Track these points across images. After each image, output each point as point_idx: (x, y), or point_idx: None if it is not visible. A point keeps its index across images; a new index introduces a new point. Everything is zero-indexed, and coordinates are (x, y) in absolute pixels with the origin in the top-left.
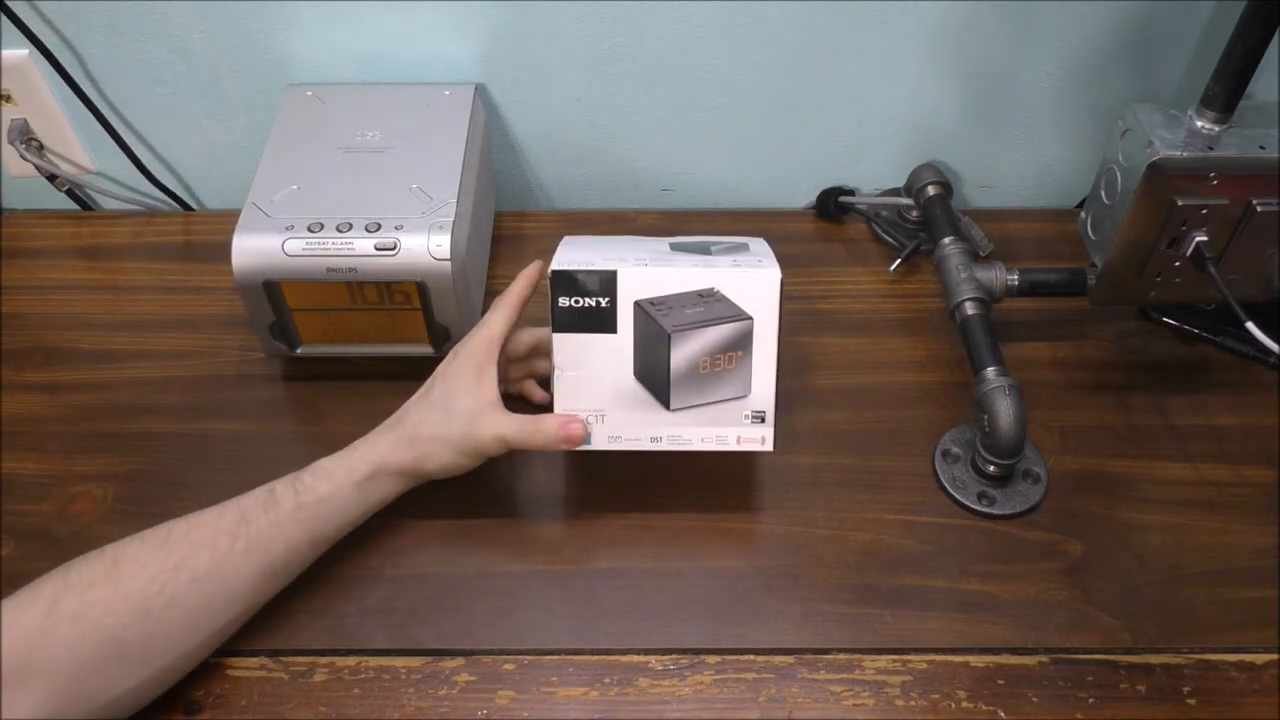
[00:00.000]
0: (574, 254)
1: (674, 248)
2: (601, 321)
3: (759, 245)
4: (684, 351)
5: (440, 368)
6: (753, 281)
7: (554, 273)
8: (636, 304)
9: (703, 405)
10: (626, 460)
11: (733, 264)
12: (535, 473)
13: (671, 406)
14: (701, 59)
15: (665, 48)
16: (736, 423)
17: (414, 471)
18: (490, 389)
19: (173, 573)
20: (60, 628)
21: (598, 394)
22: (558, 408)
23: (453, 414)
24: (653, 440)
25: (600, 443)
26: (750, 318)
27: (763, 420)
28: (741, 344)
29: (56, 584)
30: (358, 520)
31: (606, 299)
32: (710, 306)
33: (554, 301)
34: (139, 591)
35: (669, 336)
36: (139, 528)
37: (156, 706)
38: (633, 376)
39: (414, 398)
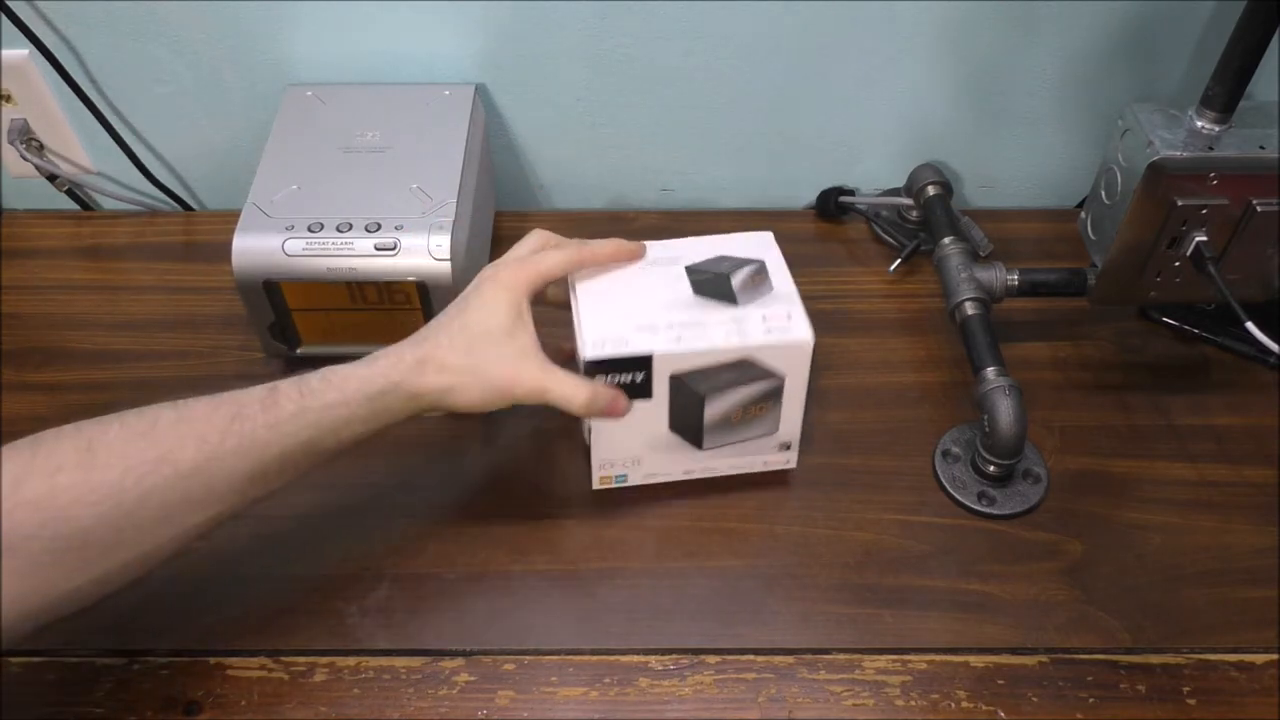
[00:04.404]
0: (602, 324)
1: (696, 287)
2: (637, 390)
3: (775, 264)
4: (717, 408)
5: (474, 289)
6: (785, 348)
7: (589, 362)
8: (672, 376)
9: (734, 443)
10: None
11: (763, 324)
12: (536, 473)
13: (704, 448)
14: (701, 59)
15: (665, 47)
16: (764, 452)
17: (436, 401)
18: (529, 332)
19: (153, 465)
20: (20, 512)
21: (633, 445)
22: (596, 458)
23: (489, 355)
24: (685, 473)
25: (636, 479)
26: (782, 376)
27: (789, 448)
28: (773, 397)
29: (22, 461)
30: (362, 436)
31: (642, 374)
32: (744, 371)
33: (592, 377)
34: (112, 483)
35: (703, 399)
36: None
37: (156, 706)
38: (667, 428)
39: (442, 318)
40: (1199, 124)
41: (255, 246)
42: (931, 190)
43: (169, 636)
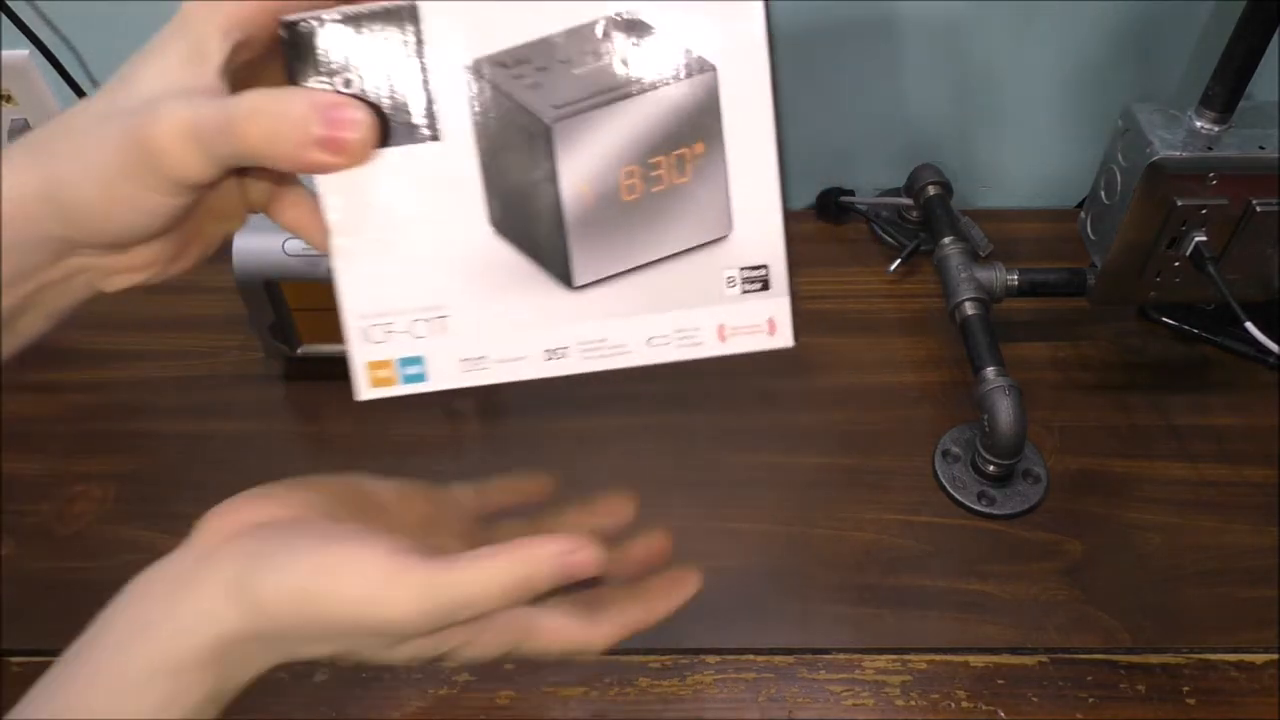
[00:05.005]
0: None
1: None
2: (405, 119)
3: None
4: (585, 158)
5: None
6: None
7: (286, 25)
8: (469, 69)
9: (639, 269)
10: (623, 449)
11: None
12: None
13: (576, 280)
14: None
15: None
16: (715, 297)
17: (36, 212)
18: (207, 71)
19: None
20: None
21: (423, 276)
22: (346, 311)
23: (120, 103)
24: (549, 356)
25: (445, 374)
26: (713, 68)
27: (764, 285)
28: (702, 125)
29: None
30: None
31: (405, 65)
32: (627, 55)
33: (294, 84)
34: None
35: (549, 130)
36: (139, 527)
37: None
38: (489, 228)
39: None
40: (1199, 124)
41: (255, 246)
42: (931, 190)
43: None
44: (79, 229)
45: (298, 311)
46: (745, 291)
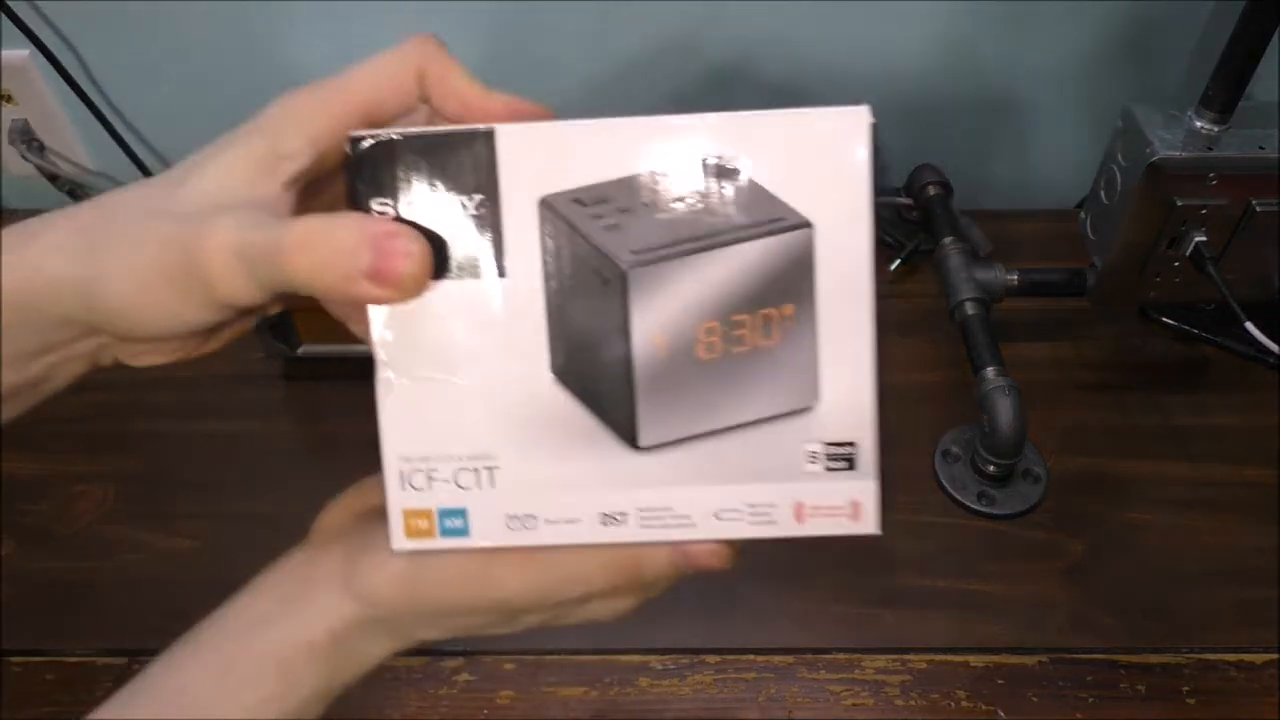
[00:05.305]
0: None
1: None
2: (469, 252)
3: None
4: (661, 309)
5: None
6: (813, 137)
7: (353, 140)
8: (545, 204)
9: (710, 435)
10: None
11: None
12: None
13: (641, 441)
14: (701, 59)
15: (665, 47)
16: (794, 473)
17: (74, 305)
18: (276, 181)
19: None
20: None
21: (474, 421)
22: (389, 458)
23: (182, 201)
24: (606, 521)
25: (489, 531)
26: (809, 224)
27: (849, 464)
28: (793, 286)
29: None
30: None
31: (477, 199)
32: (716, 202)
33: (357, 208)
34: None
35: (625, 276)
36: (139, 528)
37: None
38: (549, 375)
39: None
40: (1199, 124)
41: None
42: (931, 190)
43: (169, 636)
44: (109, 323)
45: (297, 311)
46: (829, 469)
